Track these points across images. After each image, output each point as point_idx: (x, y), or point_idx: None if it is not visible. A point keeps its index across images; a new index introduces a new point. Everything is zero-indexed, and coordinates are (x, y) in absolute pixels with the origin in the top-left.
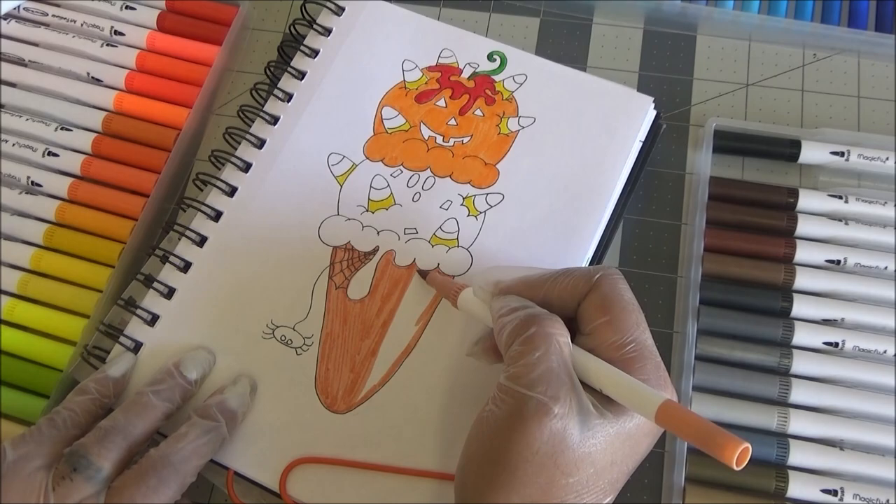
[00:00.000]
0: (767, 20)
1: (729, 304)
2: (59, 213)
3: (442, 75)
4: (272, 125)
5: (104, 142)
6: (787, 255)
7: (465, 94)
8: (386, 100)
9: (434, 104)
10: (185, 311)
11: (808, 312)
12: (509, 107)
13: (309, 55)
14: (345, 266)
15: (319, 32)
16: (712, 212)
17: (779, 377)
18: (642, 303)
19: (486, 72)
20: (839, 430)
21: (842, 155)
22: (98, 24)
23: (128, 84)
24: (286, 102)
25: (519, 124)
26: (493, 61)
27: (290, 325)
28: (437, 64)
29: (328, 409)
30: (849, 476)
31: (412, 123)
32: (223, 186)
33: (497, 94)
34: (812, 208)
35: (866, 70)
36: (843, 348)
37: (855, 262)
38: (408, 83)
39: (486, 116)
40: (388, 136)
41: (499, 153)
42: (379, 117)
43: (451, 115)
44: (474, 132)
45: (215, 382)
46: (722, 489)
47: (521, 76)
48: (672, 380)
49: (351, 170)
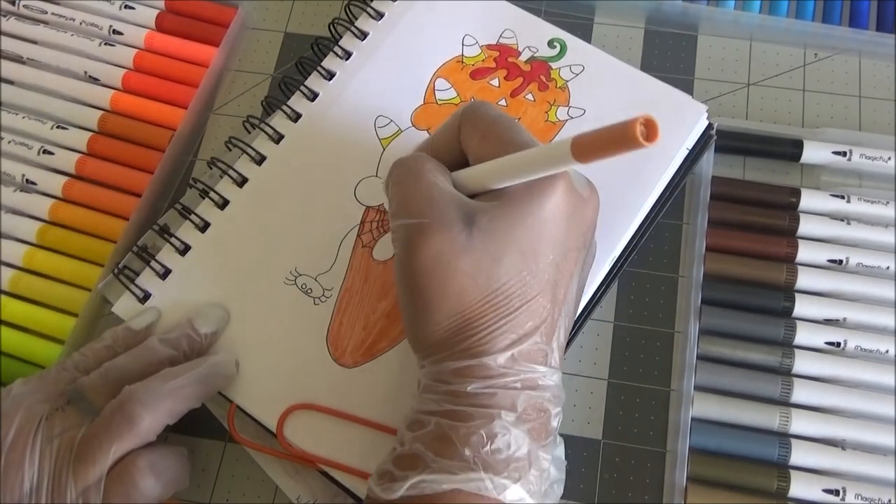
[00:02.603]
0: (768, 20)
1: (731, 304)
2: (53, 211)
3: (500, 55)
4: (327, 80)
5: (99, 141)
6: (789, 254)
7: (520, 76)
8: (441, 71)
9: (488, 82)
10: (217, 248)
11: (810, 312)
12: (561, 95)
13: (374, 17)
14: (374, 227)
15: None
16: (714, 211)
17: (780, 377)
18: (644, 302)
19: (544, 57)
20: (841, 430)
21: (844, 155)
22: (97, 23)
23: (125, 84)
24: (344, 60)
25: (568, 114)
26: (552, 48)
27: (312, 276)
28: (498, 43)
29: (336, 361)
30: (851, 476)
31: (463, 98)
32: (271, 133)
33: (551, 80)
34: (814, 208)
35: (867, 70)
36: (844, 348)
37: (857, 261)
38: (465, 58)
39: (537, 102)
40: (438, 108)
41: (543, 140)
42: (432, 87)
43: (503, 95)
44: (522, 116)
45: (233, 333)
46: (724, 489)
47: (578, 66)
48: (674, 379)
49: (396, 135)
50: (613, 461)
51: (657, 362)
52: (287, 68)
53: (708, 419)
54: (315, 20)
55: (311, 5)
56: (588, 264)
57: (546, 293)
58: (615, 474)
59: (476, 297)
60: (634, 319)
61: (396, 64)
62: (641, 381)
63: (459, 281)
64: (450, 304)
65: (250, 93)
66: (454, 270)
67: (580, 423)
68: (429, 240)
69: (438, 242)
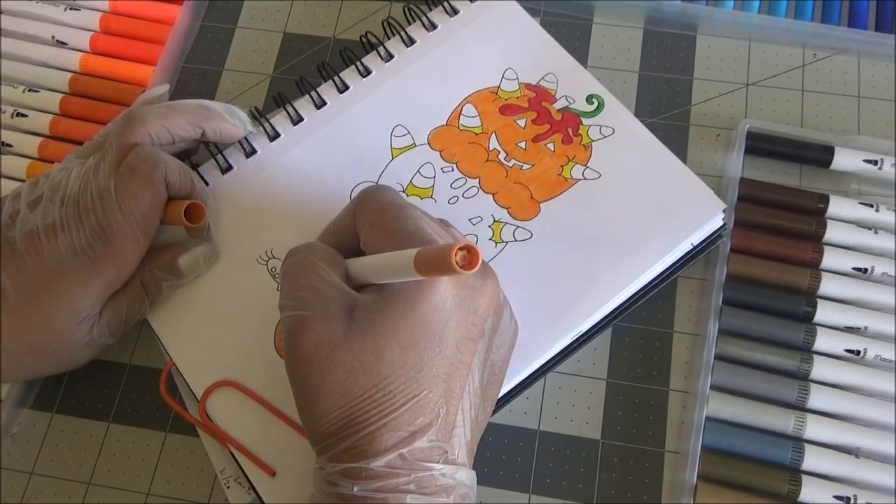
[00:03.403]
0: (767, 20)
1: (752, 306)
2: (30, 171)
3: (536, 97)
4: (362, 77)
5: (71, 101)
6: (813, 260)
7: (548, 123)
8: (473, 98)
9: (514, 121)
10: None
11: (832, 319)
12: (583, 153)
13: (427, 27)
14: None
15: (446, 11)
16: (741, 213)
17: (798, 381)
18: (643, 302)
19: (578, 111)
20: (856, 438)
21: (875, 164)
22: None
23: (92, 45)
24: (385, 62)
25: (583, 175)
26: (590, 104)
27: None
28: (538, 84)
29: (278, 351)
30: (862, 484)
31: (485, 130)
32: (292, 113)
33: (577, 136)
34: (842, 215)
35: (866, 70)
36: (864, 356)
37: (882, 271)
38: (501, 91)
39: (556, 154)
40: (457, 132)
41: (550, 193)
42: (458, 111)
43: (525, 138)
44: (537, 163)
45: (192, 293)
46: (733, 489)
47: (609, 129)
48: (690, 378)
49: (408, 147)
50: (612, 461)
51: (656, 362)
52: (286, 68)
53: (722, 419)
54: (314, 20)
55: (309, 5)
56: (504, 344)
57: (436, 387)
58: (614, 474)
59: (356, 392)
60: (633, 319)
61: (432, 79)
62: (640, 381)
63: (338, 375)
64: (331, 398)
65: (249, 92)
66: (333, 363)
67: (579, 423)
68: (309, 331)
69: (318, 334)
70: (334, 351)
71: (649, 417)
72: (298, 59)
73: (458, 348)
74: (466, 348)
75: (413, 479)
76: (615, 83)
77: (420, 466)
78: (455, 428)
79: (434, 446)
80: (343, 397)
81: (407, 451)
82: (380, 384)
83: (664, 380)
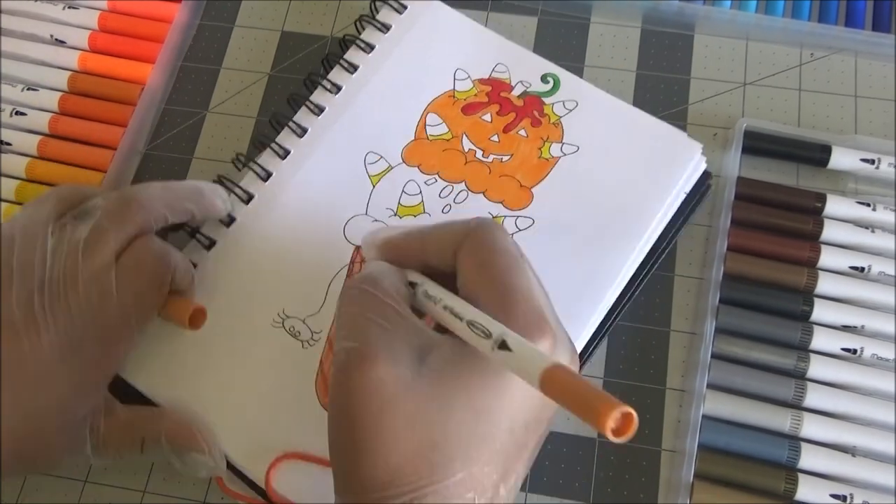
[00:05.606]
0: (765, 20)
1: (749, 305)
2: (30, 169)
3: (492, 89)
4: (316, 115)
5: (70, 100)
6: (810, 259)
7: (513, 112)
8: (432, 106)
9: (480, 118)
10: (202, 290)
11: (829, 318)
12: (555, 131)
13: (364, 49)
14: (364, 267)
15: (378, 28)
16: (738, 211)
17: (794, 380)
18: (641, 301)
19: (537, 93)
20: (852, 437)
21: (872, 163)
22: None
23: (91, 44)
24: (334, 94)
25: (561, 151)
26: (546, 83)
27: (300, 318)
28: (490, 77)
29: (318, 393)
30: (859, 483)
31: (454, 134)
32: (259, 171)
33: (544, 116)
34: (839, 214)
35: (864, 70)
36: (861, 355)
37: (879, 270)
38: (457, 92)
39: (530, 138)
40: (429, 143)
41: (536, 177)
42: (423, 123)
43: (495, 131)
44: (515, 152)
45: (218, 379)
46: (730, 487)
47: (572, 102)
48: (687, 377)
49: (386, 171)
50: (609, 460)
51: (653, 361)
52: (284, 67)
53: (719, 417)
54: (312, 19)
55: (307, 4)
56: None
57: (497, 465)
58: (610, 473)
59: (411, 447)
60: (631, 318)
61: (387, 99)
62: (637, 380)
63: (396, 423)
64: (381, 449)
65: (247, 90)
66: (392, 409)
67: (575, 421)
68: (370, 368)
69: (381, 374)
70: (396, 396)
71: (646, 416)
72: (296, 58)
73: (526, 429)
74: (534, 431)
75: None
76: (613, 82)
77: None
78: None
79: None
80: (394, 450)
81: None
82: (440, 444)
83: (661, 378)
